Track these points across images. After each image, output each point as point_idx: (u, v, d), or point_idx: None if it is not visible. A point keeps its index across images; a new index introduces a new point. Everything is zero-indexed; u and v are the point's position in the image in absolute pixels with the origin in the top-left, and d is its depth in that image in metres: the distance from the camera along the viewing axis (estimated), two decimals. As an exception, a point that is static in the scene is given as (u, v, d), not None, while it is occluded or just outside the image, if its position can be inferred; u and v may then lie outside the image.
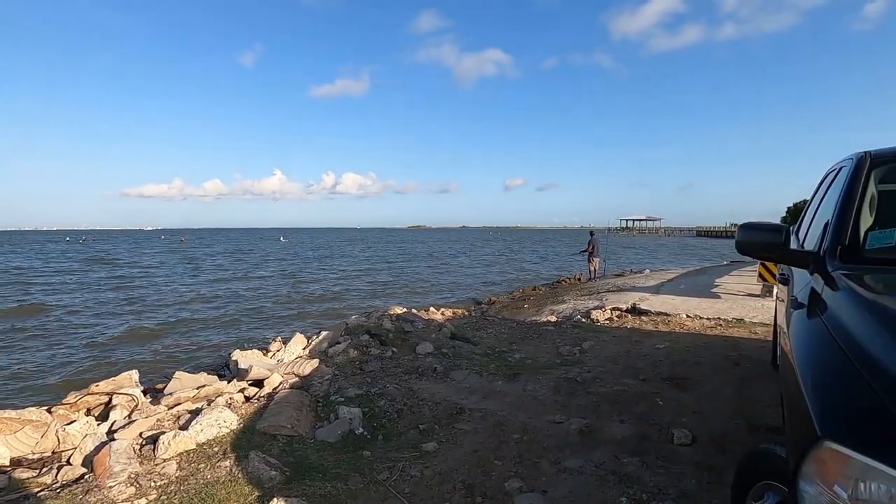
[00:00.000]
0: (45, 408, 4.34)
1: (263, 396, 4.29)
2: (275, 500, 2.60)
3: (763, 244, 2.18)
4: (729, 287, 10.86)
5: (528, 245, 57.33)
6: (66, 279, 21.32)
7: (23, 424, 3.76)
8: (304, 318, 12.62)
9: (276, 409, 3.79)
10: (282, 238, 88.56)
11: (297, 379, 4.67)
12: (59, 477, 3.07)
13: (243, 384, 4.66)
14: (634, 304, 8.86)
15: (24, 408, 4.03)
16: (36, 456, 3.51)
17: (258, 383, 4.64)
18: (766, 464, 1.56)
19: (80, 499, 2.73)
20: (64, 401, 4.58)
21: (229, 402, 4.17)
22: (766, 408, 3.78)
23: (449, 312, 10.60)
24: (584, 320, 8.11)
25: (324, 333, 6.33)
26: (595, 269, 15.90)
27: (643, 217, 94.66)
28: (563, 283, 17.04)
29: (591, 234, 16.00)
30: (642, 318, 7.91)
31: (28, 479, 3.03)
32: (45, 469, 3.24)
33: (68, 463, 3.28)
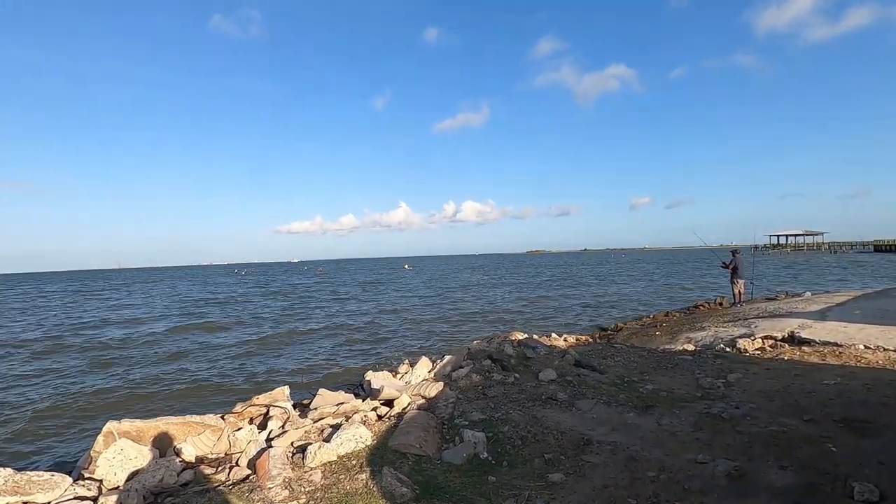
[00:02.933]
0: (220, 415, 5.10)
1: (393, 416, 4.55)
2: (406, 515, 2.73)
3: None
4: (925, 312, 8.88)
5: (656, 266, 53.09)
6: (233, 306, 24.97)
7: (204, 428, 4.47)
8: (428, 341, 13.12)
9: (406, 429, 4.00)
10: (406, 266, 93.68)
11: (423, 400, 4.87)
12: (230, 476, 3.58)
13: (376, 403, 5.01)
14: (793, 331, 7.69)
15: (205, 413, 4.79)
16: (213, 456, 4.14)
17: (389, 403, 4.94)
18: None
19: (247, 496, 3.15)
20: (233, 410, 5.35)
21: (364, 419, 4.50)
22: None
23: (572, 339, 10.23)
24: (728, 350, 7.26)
25: (447, 357, 6.53)
26: (740, 293, 14.11)
27: (799, 231, 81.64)
28: (701, 308, 15.40)
29: (734, 252, 14.28)
30: (803, 348, 6.83)
31: (209, 475, 3.59)
32: (220, 468, 3.81)
33: (237, 464, 3.81)
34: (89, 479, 3.66)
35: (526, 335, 8.72)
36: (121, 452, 3.76)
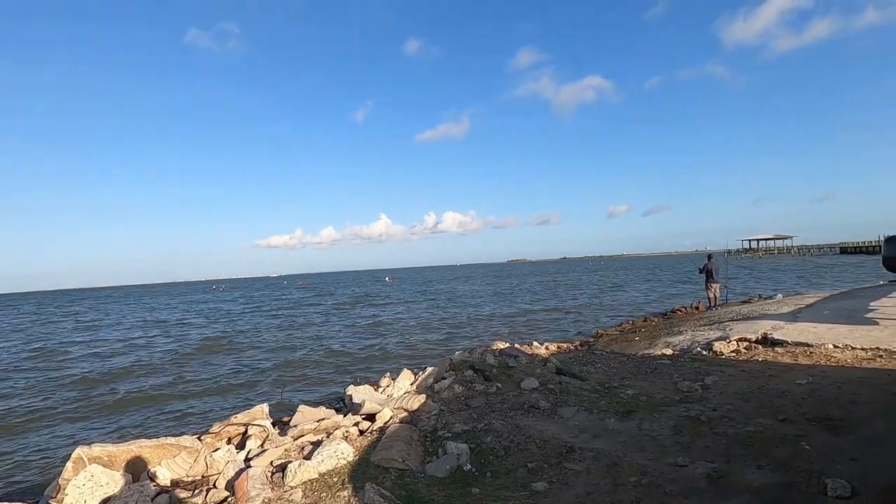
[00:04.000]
0: (196, 436, 4.96)
1: (375, 430, 4.49)
2: (389, 531, 2.69)
3: None
4: (889, 311, 9.19)
5: (634, 273, 53.99)
6: (210, 324, 24.42)
7: (179, 450, 4.33)
8: (410, 354, 13.04)
9: (388, 443, 3.95)
10: (387, 278, 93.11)
11: (405, 414, 4.82)
12: (207, 498, 3.47)
13: (357, 418, 4.93)
14: (766, 333, 7.89)
15: (180, 435, 4.64)
16: (189, 479, 4.01)
17: (370, 417, 4.88)
18: None
19: (225, 519, 3.06)
20: (210, 430, 5.20)
21: (346, 434, 4.43)
22: (952, 457, 3.12)
23: (553, 347, 10.29)
24: (704, 353, 7.40)
25: (429, 369, 6.49)
26: (715, 296, 14.47)
27: (770, 236, 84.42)
28: (679, 312, 15.70)
29: (709, 257, 14.65)
30: (776, 349, 7.00)
31: (184, 498, 3.47)
32: (196, 491, 3.69)
33: (214, 486, 3.70)
34: (57, 508, 3.50)
35: (507, 344, 8.74)
36: (91, 479, 3.62)
